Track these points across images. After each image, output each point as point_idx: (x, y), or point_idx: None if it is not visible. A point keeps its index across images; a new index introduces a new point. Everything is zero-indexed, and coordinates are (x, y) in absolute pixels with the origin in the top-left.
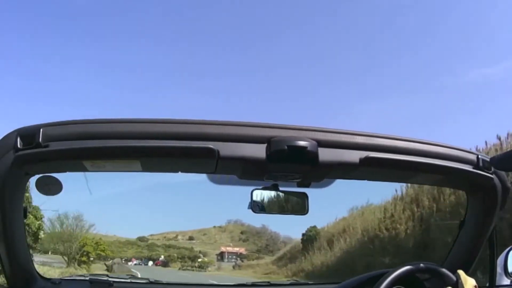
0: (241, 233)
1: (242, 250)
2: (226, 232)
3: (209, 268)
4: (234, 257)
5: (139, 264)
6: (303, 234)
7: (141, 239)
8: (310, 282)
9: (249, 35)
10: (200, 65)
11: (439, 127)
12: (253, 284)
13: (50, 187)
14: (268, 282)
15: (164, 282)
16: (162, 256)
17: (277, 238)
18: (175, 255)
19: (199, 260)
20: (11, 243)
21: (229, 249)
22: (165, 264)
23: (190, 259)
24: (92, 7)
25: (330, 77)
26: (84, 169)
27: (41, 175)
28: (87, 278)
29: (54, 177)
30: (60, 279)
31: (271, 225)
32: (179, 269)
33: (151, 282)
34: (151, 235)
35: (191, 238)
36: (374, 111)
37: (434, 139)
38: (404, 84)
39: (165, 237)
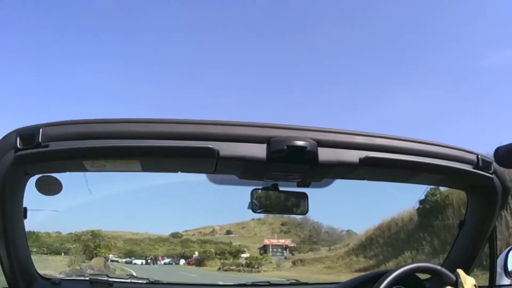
0: (282, 224)
1: (288, 242)
2: (266, 224)
3: (264, 268)
4: (280, 250)
5: (169, 263)
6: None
7: (174, 235)
8: (310, 282)
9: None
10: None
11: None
12: (253, 284)
13: (50, 187)
14: (268, 282)
15: (164, 282)
16: (196, 253)
17: (320, 228)
18: (212, 250)
19: (243, 256)
20: (11, 243)
21: (274, 241)
22: (199, 262)
23: (231, 255)
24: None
25: (368, 68)
26: (84, 169)
27: (41, 175)
28: (87, 278)
29: (54, 177)
30: (60, 279)
31: (311, 215)
32: (219, 269)
33: (151, 282)
34: (186, 231)
35: (229, 232)
36: (411, 100)
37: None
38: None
39: (200, 232)
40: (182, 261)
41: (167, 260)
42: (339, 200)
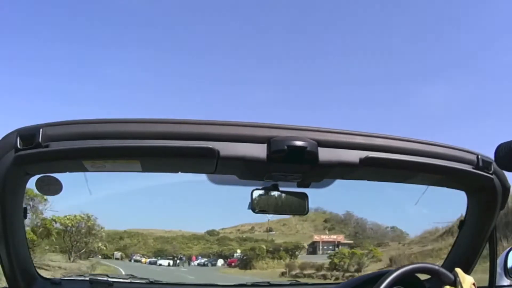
0: (325, 221)
1: (340, 238)
2: (308, 221)
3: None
4: (331, 247)
5: (204, 264)
6: None
7: (210, 232)
8: (310, 282)
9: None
10: None
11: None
12: (253, 284)
13: (50, 187)
14: (268, 282)
15: (164, 282)
16: (239, 252)
17: (364, 225)
18: (263, 247)
19: (323, 254)
20: (11, 243)
21: (325, 238)
22: (245, 264)
23: (288, 253)
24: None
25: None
26: (84, 169)
27: (41, 175)
28: (87, 278)
29: (54, 177)
30: (60, 279)
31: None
32: (283, 274)
33: (151, 282)
34: (222, 228)
35: (269, 230)
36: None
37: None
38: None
39: (238, 230)
40: (220, 262)
41: (202, 261)
42: (382, 196)
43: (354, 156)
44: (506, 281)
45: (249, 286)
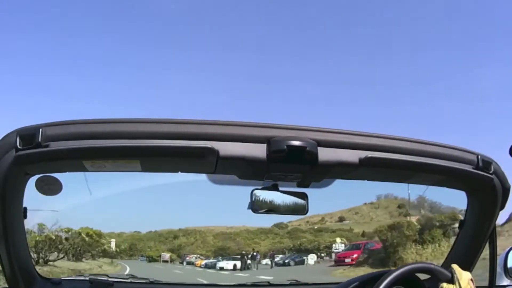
0: (399, 207)
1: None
2: (380, 208)
3: None
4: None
5: (285, 263)
6: None
7: (278, 225)
8: (310, 282)
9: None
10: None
11: None
12: (253, 284)
13: (50, 187)
14: (268, 282)
15: (164, 282)
16: (339, 242)
17: (439, 208)
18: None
19: None
20: (11, 243)
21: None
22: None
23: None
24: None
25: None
26: (84, 169)
27: (41, 175)
28: (87, 278)
29: (54, 177)
30: (60, 279)
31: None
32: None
33: (151, 282)
34: (289, 221)
35: (341, 219)
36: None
37: None
38: None
39: (307, 221)
40: (312, 258)
41: (279, 259)
42: None
43: (354, 156)
44: (506, 281)
45: (249, 286)
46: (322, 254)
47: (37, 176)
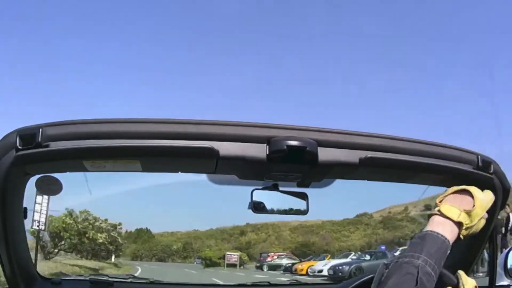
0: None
1: None
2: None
3: None
4: None
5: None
6: None
7: (362, 215)
8: (310, 282)
9: None
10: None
11: None
12: (253, 284)
13: (50, 187)
14: (268, 282)
15: (164, 282)
16: None
17: None
18: None
19: None
20: (11, 243)
21: None
22: None
23: None
24: None
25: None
26: (84, 169)
27: (41, 175)
28: (87, 278)
29: (54, 177)
30: (60, 279)
31: None
32: None
33: (151, 282)
34: (364, 213)
35: (427, 208)
36: None
37: None
38: None
39: (389, 212)
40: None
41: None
42: None
43: (354, 156)
44: (506, 281)
45: (249, 286)
46: None
47: (37, 176)
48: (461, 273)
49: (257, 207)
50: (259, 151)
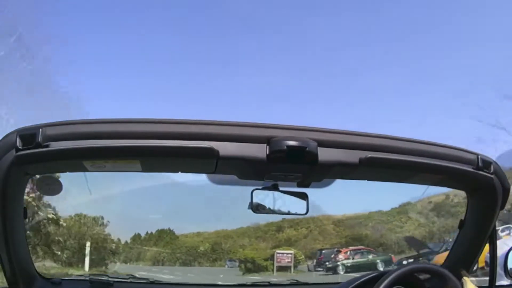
0: None
1: None
2: None
3: None
4: None
5: None
6: None
7: (405, 205)
8: (310, 282)
9: None
10: None
11: None
12: (253, 284)
13: (50, 187)
14: (268, 282)
15: (164, 282)
16: None
17: None
18: None
19: None
20: (11, 243)
21: None
22: None
23: None
24: None
25: None
26: (84, 169)
27: (41, 175)
28: (87, 278)
29: (54, 177)
30: (60, 279)
31: None
32: None
33: (151, 282)
34: (408, 202)
35: (447, 197)
36: None
37: None
38: None
39: (430, 201)
40: None
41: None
42: None
43: (354, 156)
44: (506, 281)
45: (249, 286)
46: None
47: (37, 176)
48: (466, 279)
49: (257, 207)
50: (259, 151)
